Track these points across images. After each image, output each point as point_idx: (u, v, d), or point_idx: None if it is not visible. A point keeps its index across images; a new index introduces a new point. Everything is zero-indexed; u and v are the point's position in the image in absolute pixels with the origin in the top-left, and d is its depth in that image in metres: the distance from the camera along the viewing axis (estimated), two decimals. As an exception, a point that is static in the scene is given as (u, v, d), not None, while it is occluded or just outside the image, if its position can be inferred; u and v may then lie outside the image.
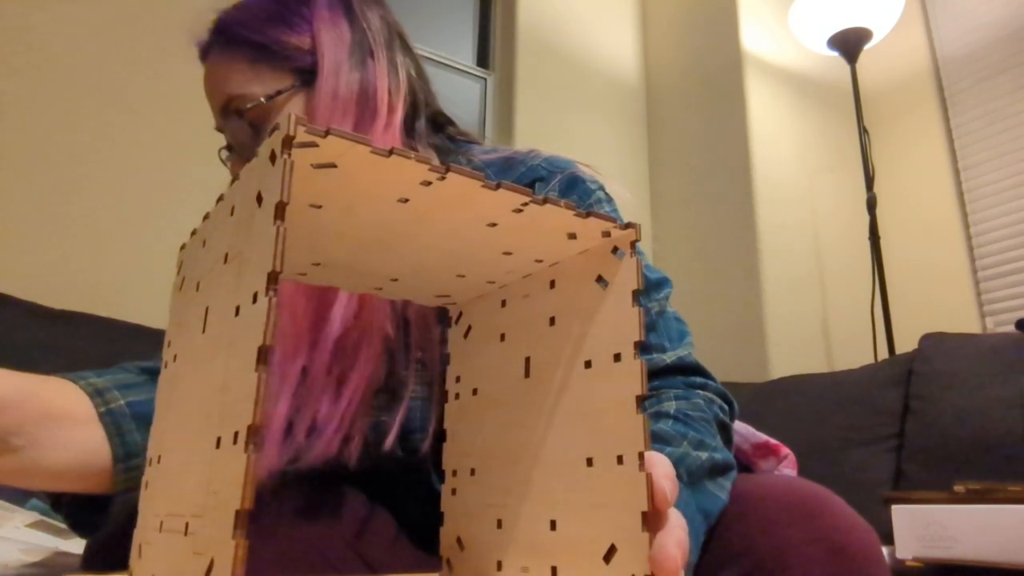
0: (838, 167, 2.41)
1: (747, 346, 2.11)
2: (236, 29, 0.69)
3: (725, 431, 0.60)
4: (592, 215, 0.35)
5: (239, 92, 0.67)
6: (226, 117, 0.68)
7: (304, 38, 0.68)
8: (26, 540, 0.74)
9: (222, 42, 0.69)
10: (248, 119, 0.67)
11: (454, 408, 0.46)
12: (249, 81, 0.67)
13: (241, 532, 0.23)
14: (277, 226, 0.26)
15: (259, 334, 0.25)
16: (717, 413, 0.60)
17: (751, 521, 0.45)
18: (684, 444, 0.51)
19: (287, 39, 0.68)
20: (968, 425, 1.39)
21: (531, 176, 0.69)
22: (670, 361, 0.63)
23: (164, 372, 0.37)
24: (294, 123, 0.27)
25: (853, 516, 0.45)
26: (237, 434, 0.25)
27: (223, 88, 0.68)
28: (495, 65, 2.50)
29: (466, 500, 0.43)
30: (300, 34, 0.68)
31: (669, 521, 0.33)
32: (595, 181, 0.70)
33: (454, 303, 0.48)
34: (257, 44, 0.68)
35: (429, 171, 0.30)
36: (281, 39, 0.68)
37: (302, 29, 0.69)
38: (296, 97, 0.67)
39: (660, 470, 0.33)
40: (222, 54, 0.69)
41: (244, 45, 0.68)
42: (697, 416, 0.56)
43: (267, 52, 0.68)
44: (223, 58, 0.69)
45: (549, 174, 0.69)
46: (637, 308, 0.35)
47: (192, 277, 0.36)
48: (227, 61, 0.68)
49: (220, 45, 0.69)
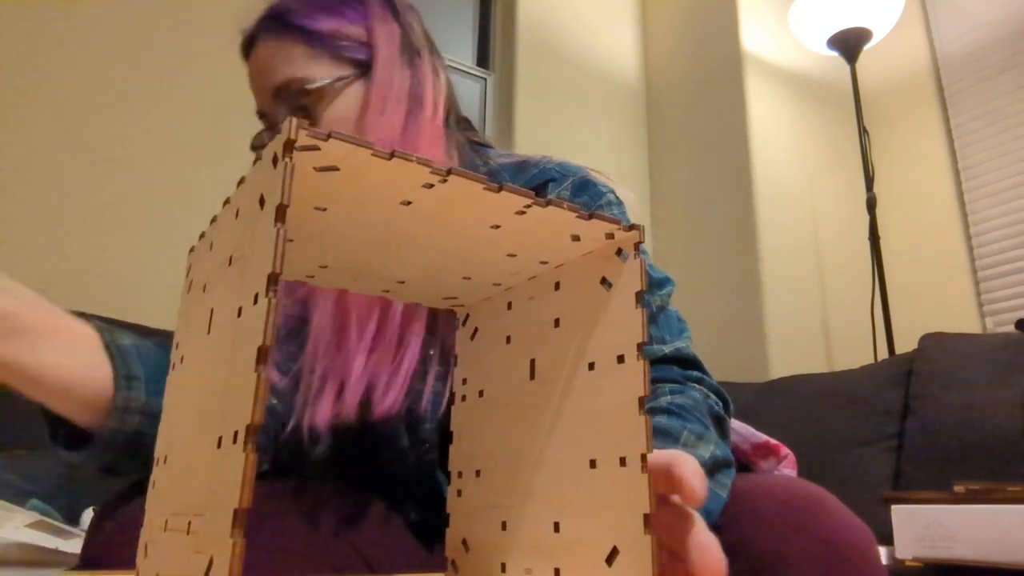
0: (838, 167, 2.41)
1: (747, 346, 2.11)
2: (293, 16, 0.71)
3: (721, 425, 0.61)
4: (595, 216, 0.35)
5: (300, 75, 0.69)
6: (279, 100, 0.70)
7: (359, 31, 0.72)
8: (26, 540, 0.74)
9: (277, 28, 0.72)
10: (305, 102, 0.69)
11: (460, 410, 0.46)
12: (308, 66, 0.70)
13: (239, 531, 0.24)
14: (278, 228, 0.26)
15: (259, 335, 0.25)
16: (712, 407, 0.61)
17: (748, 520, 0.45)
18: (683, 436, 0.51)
19: (344, 30, 0.72)
20: (968, 425, 1.39)
21: (543, 177, 0.72)
22: (668, 351, 0.65)
23: (172, 373, 0.38)
24: (295, 127, 0.27)
25: (849, 516, 0.45)
26: (237, 433, 0.25)
27: (280, 71, 0.70)
28: (495, 65, 2.50)
29: (471, 501, 0.43)
30: (355, 26, 0.72)
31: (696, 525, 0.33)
32: (606, 185, 0.74)
33: (461, 305, 0.48)
34: (315, 32, 0.71)
35: (431, 173, 0.31)
36: (339, 29, 0.71)
37: (357, 22, 0.72)
38: (353, 86, 0.70)
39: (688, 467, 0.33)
40: (278, 40, 0.71)
41: (302, 32, 0.71)
42: (692, 408, 0.57)
43: (325, 40, 0.70)
44: (280, 43, 0.71)
45: (561, 176, 0.72)
46: (640, 310, 0.35)
47: (199, 279, 0.37)
48: (284, 46, 0.71)
49: (275, 31, 0.72)
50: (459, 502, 0.45)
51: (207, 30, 1.83)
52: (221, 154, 1.77)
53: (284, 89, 0.70)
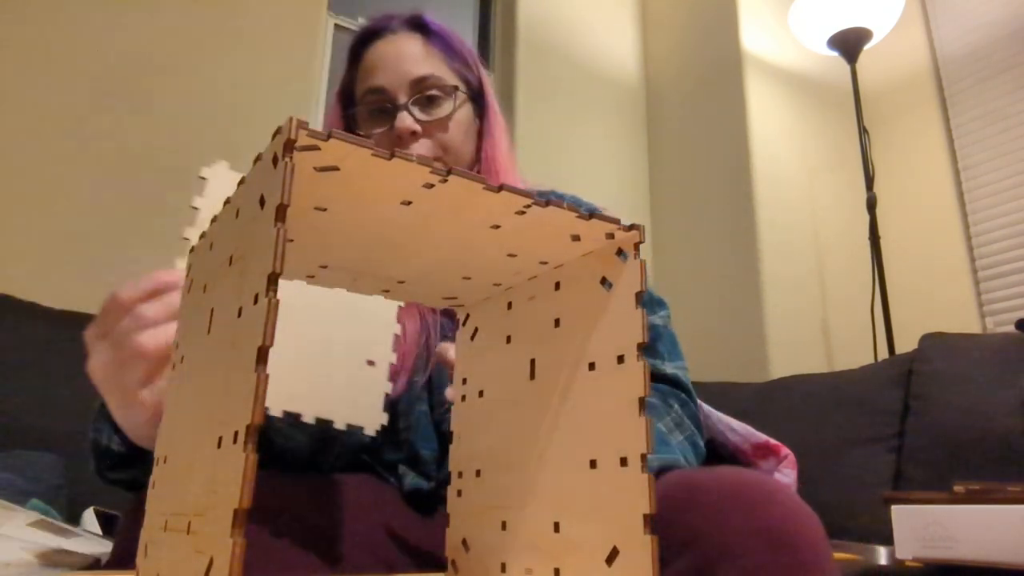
0: (838, 167, 2.41)
1: (747, 346, 2.11)
2: (437, 30, 0.85)
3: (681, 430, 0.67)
4: (595, 216, 0.35)
5: (440, 75, 0.82)
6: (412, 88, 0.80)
7: (473, 65, 0.88)
8: (28, 539, 0.74)
9: (424, 31, 0.84)
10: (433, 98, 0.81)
11: (461, 410, 0.46)
12: (444, 71, 0.83)
13: (239, 531, 0.24)
14: (278, 228, 0.26)
15: (259, 334, 0.25)
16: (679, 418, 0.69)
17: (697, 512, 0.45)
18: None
19: (466, 56, 0.87)
20: (968, 425, 1.39)
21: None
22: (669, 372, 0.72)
23: (172, 373, 0.38)
24: (295, 126, 0.27)
25: (797, 507, 0.45)
26: (237, 433, 0.25)
27: (424, 64, 0.81)
28: (495, 65, 2.50)
29: (471, 501, 0.43)
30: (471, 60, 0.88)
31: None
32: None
33: (461, 305, 0.48)
34: (452, 48, 0.85)
35: (431, 173, 0.31)
36: (466, 57, 0.87)
37: (470, 54, 0.88)
38: (467, 104, 0.85)
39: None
40: (425, 39, 0.83)
41: (444, 43, 0.84)
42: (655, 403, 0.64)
43: (456, 59, 0.85)
44: (426, 43, 0.83)
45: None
46: (640, 310, 0.35)
47: (200, 279, 0.37)
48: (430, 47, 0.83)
49: (422, 32, 0.84)
50: (459, 502, 0.45)
51: (207, 29, 1.83)
52: (226, 153, 1.77)
53: (425, 80, 0.80)
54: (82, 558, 0.75)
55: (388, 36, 0.84)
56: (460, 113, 0.83)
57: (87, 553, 0.76)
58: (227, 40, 1.84)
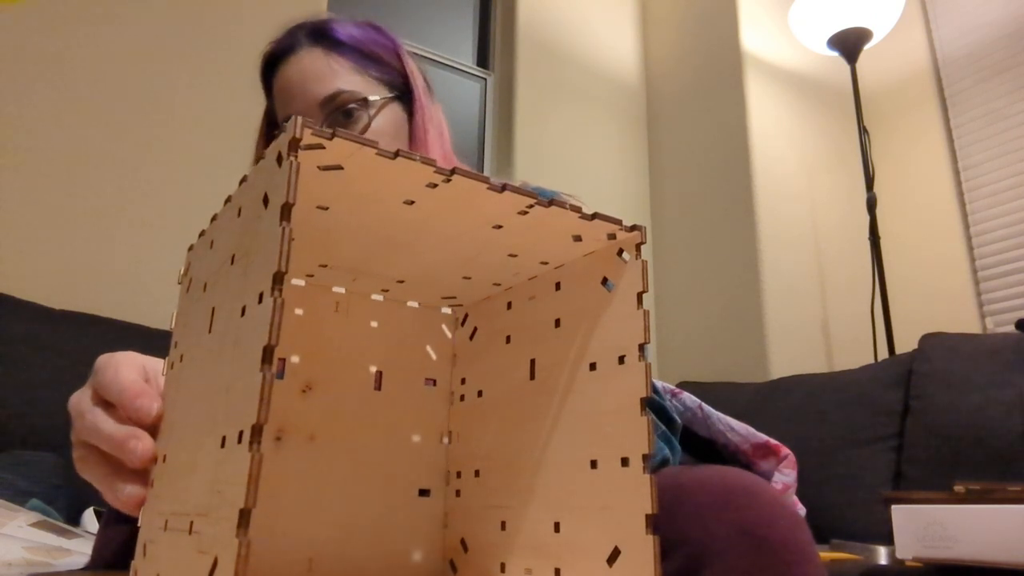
0: (838, 167, 2.41)
1: (747, 346, 2.11)
2: (339, 35, 0.79)
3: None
4: (598, 217, 0.35)
5: (350, 88, 0.77)
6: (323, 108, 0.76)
7: (395, 62, 0.82)
8: (30, 538, 0.74)
9: (325, 42, 0.79)
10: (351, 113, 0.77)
11: (459, 410, 0.46)
12: (355, 81, 0.78)
13: (244, 531, 0.23)
14: (283, 227, 0.26)
15: (264, 334, 0.25)
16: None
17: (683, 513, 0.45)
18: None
19: (384, 56, 0.81)
20: (968, 425, 1.39)
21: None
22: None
23: (170, 373, 0.37)
24: (300, 125, 0.27)
25: (780, 508, 0.45)
26: (242, 433, 0.25)
27: (331, 82, 0.77)
28: (495, 65, 2.50)
29: (470, 502, 0.43)
30: (391, 55, 0.82)
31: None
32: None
33: (460, 305, 0.48)
34: (362, 51, 0.80)
35: (434, 173, 0.31)
36: (381, 54, 0.81)
37: (391, 51, 0.83)
38: (390, 106, 0.80)
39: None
40: (327, 53, 0.79)
41: (350, 50, 0.79)
42: None
43: (369, 61, 0.80)
44: (328, 56, 0.78)
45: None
46: (642, 310, 0.35)
47: (199, 278, 0.36)
48: (333, 59, 0.78)
49: (324, 45, 0.79)
50: (458, 502, 0.44)
51: (208, 32, 1.83)
52: (221, 154, 1.77)
53: (333, 99, 0.76)
54: (82, 558, 0.75)
55: (291, 58, 0.79)
56: (379, 121, 0.78)
57: (87, 553, 0.76)
58: (226, 40, 1.84)
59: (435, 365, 0.48)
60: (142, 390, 0.36)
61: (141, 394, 0.36)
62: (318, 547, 0.41)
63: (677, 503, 0.46)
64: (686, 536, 0.44)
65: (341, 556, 0.41)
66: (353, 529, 0.42)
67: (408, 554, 0.44)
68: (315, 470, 0.42)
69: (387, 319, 0.46)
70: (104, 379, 0.37)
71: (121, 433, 0.35)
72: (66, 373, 1.30)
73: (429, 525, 0.45)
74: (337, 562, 0.41)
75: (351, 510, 0.43)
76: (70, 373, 1.29)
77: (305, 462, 0.42)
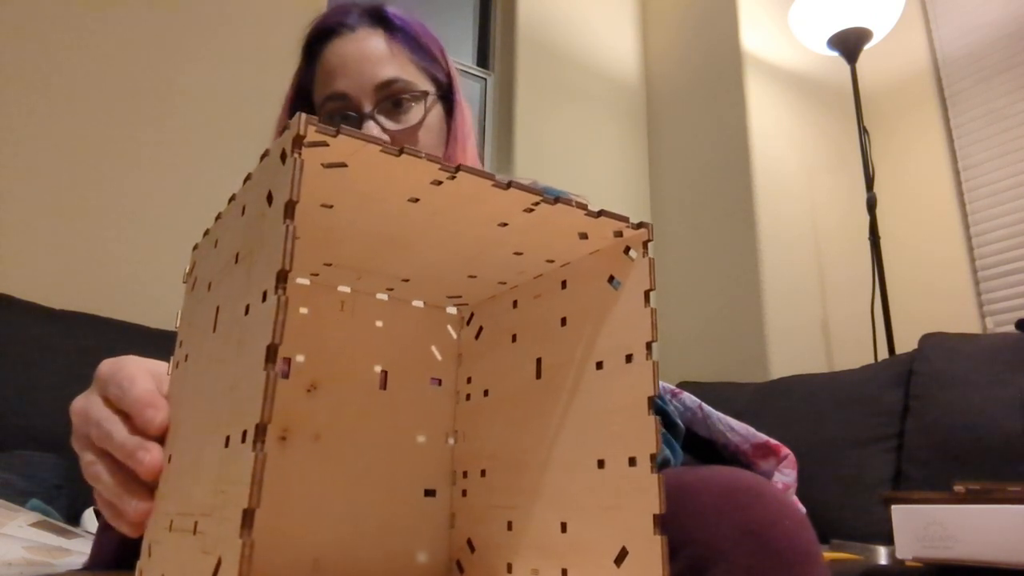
0: (838, 167, 2.41)
1: (747, 346, 2.11)
2: (401, 24, 0.77)
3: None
4: (604, 214, 0.34)
5: (408, 79, 0.75)
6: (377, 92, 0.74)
7: (442, 59, 0.81)
8: (30, 538, 0.74)
9: (387, 27, 0.77)
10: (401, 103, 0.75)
11: (465, 409, 0.46)
12: (412, 73, 0.77)
13: (248, 531, 0.23)
14: (287, 225, 0.26)
15: (268, 332, 0.25)
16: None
17: (687, 513, 0.45)
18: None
19: (435, 53, 0.80)
20: (968, 425, 1.39)
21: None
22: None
23: (175, 372, 0.37)
24: (304, 122, 0.27)
25: (784, 508, 0.45)
26: (246, 433, 0.25)
27: (388, 67, 0.75)
28: (495, 65, 2.50)
29: (476, 501, 0.43)
30: (439, 54, 0.81)
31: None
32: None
33: (466, 304, 0.47)
34: (421, 45, 0.78)
35: (440, 170, 0.30)
36: (433, 51, 0.80)
37: (439, 52, 0.81)
38: (438, 105, 0.78)
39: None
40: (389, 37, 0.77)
41: (411, 40, 0.77)
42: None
43: (423, 55, 0.78)
44: (390, 41, 0.77)
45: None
46: (649, 308, 0.35)
47: (204, 277, 0.36)
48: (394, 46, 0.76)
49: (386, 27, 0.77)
50: (464, 502, 0.44)
51: (209, 31, 1.82)
52: (224, 153, 1.76)
53: (389, 85, 0.74)
54: (82, 558, 0.75)
55: (347, 34, 0.76)
56: (430, 118, 0.76)
57: (87, 553, 0.75)
58: (228, 39, 1.84)
59: (441, 364, 0.47)
60: (152, 400, 0.36)
61: (150, 404, 0.36)
62: (324, 547, 0.41)
63: (680, 504, 0.45)
64: (690, 537, 0.44)
65: (347, 556, 0.41)
66: (359, 529, 0.42)
67: (414, 554, 0.43)
68: (320, 470, 0.42)
69: (392, 318, 0.46)
70: (119, 388, 0.37)
71: (131, 443, 0.35)
72: (66, 373, 1.30)
73: (435, 525, 0.45)
74: (343, 562, 0.41)
75: (357, 510, 0.42)
76: (70, 373, 1.29)
77: (310, 462, 0.42)
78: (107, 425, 0.36)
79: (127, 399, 0.36)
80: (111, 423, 0.36)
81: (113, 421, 0.36)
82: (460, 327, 0.49)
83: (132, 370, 0.37)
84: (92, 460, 0.37)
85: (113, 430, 0.36)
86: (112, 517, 0.37)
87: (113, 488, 0.36)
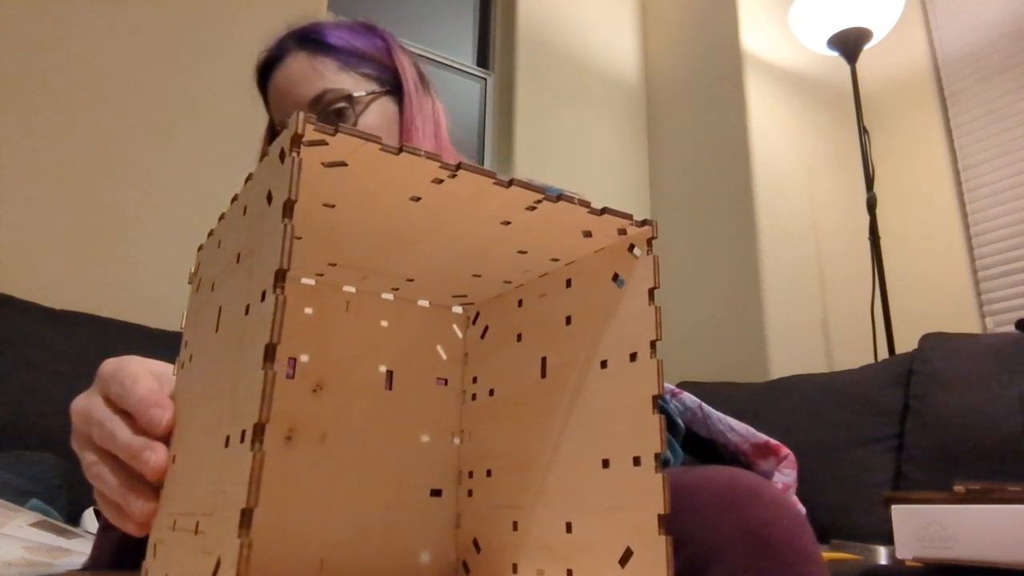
0: (838, 167, 2.41)
1: (747, 346, 2.11)
2: (325, 36, 0.81)
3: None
4: (607, 212, 0.34)
5: (337, 86, 0.78)
6: (313, 110, 0.78)
7: (382, 55, 0.83)
8: (30, 538, 0.74)
9: (310, 46, 0.81)
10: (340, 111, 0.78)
11: (471, 409, 0.46)
12: (342, 79, 0.79)
13: (247, 531, 0.23)
14: (285, 224, 0.25)
15: (266, 332, 0.25)
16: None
17: (687, 514, 0.45)
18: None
19: (370, 52, 0.82)
20: (968, 425, 1.39)
21: None
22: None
23: (181, 372, 0.37)
24: (302, 121, 0.27)
25: (783, 507, 0.45)
26: (244, 432, 0.25)
27: (316, 83, 0.78)
28: (495, 65, 2.50)
29: (482, 501, 0.43)
30: (378, 51, 0.83)
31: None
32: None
33: (471, 303, 0.47)
34: (346, 50, 0.81)
35: (440, 168, 0.30)
36: (366, 51, 0.82)
37: (379, 47, 0.84)
38: (380, 100, 0.81)
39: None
40: (312, 56, 0.80)
41: (334, 50, 0.80)
42: None
43: (355, 58, 0.81)
44: (313, 58, 0.80)
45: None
46: (653, 307, 0.34)
47: (208, 277, 0.36)
48: (318, 61, 0.80)
49: (309, 49, 0.81)
50: (470, 502, 0.44)
51: (210, 31, 1.82)
52: (228, 153, 1.76)
53: (321, 99, 0.77)
54: (82, 558, 0.75)
55: (279, 65, 0.82)
56: (368, 116, 0.79)
57: (87, 553, 0.75)
58: (229, 39, 1.84)
59: (446, 364, 0.47)
60: (157, 400, 0.36)
61: (155, 404, 0.35)
62: (329, 547, 0.41)
63: (680, 503, 0.46)
64: (689, 536, 0.44)
65: (352, 556, 0.41)
66: (364, 529, 0.42)
67: (420, 554, 0.43)
68: (326, 470, 0.42)
69: (397, 318, 0.46)
70: (121, 387, 0.36)
71: (136, 443, 0.35)
72: (66, 373, 1.29)
73: (441, 525, 0.44)
74: (348, 562, 0.41)
75: (362, 510, 0.42)
76: (70, 373, 1.29)
77: (316, 462, 0.42)
78: (110, 425, 0.36)
79: (130, 399, 0.36)
80: (114, 423, 0.36)
81: (116, 421, 0.36)
82: (466, 326, 0.49)
83: (134, 370, 0.37)
84: (94, 460, 0.37)
85: (116, 430, 0.35)
86: (115, 517, 0.36)
87: (117, 489, 0.36)
